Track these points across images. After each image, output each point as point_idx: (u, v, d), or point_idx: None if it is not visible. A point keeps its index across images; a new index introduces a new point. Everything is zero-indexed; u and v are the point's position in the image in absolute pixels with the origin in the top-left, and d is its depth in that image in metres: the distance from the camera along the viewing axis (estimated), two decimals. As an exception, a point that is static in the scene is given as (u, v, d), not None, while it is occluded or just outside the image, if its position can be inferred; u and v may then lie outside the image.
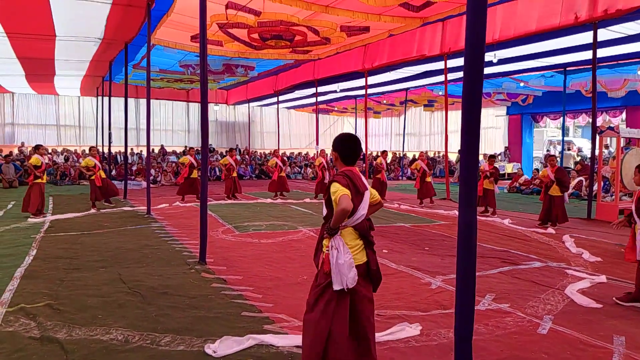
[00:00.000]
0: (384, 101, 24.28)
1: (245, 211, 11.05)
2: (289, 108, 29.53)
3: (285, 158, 17.16)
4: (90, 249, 6.85)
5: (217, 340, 3.60)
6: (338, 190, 2.77)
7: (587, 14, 9.42)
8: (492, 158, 11.31)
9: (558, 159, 17.51)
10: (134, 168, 20.14)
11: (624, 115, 17.97)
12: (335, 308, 2.85)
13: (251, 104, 27.73)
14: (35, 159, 9.78)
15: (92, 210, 10.81)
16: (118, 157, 22.40)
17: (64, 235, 7.88)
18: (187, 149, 14.27)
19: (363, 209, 2.91)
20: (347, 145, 2.96)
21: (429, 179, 12.68)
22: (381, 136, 31.50)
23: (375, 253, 3.00)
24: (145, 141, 10.94)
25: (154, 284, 5.13)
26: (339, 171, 2.96)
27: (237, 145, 27.76)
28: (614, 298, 4.82)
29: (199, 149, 11.53)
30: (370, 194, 3.03)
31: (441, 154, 24.79)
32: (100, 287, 5.03)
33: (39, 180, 9.78)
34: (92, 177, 11.11)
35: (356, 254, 2.89)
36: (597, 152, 10.62)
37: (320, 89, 19.42)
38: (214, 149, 26.12)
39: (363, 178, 2.99)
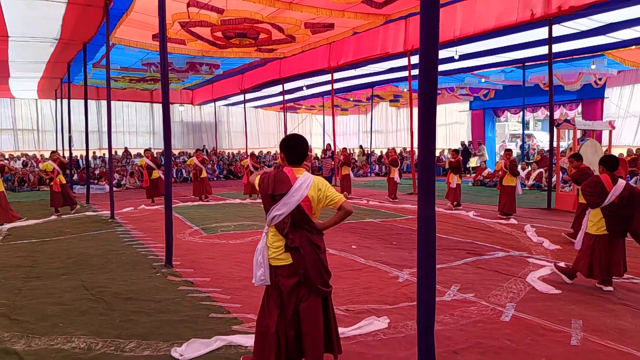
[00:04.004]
0: (351, 98, 24.43)
1: (214, 212, 10.92)
2: (256, 107, 29.30)
3: (256, 158, 16.98)
4: (51, 256, 6.62)
5: (184, 343, 3.55)
6: (255, 180, 3.11)
7: (542, 10, 9.75)
8: (454, 152, 11.58)
9: (518, 152, 18.15)
10: (97, 172, 19.58)
11: (579, 108, 18.70)
12: (267, 304, 3.01)
13: (217, 104, 27.36)
14: None
15: (53, 217, 10.45)
16: (80, 160, 21.70)
17: (23, 243, 7.59)
18: (144, 150, 13.94)
19: (279, 210, 2.90)
20: (287, 146, 3.03)
21: (392, 175, 12.70)
22: (349, 134, 31.67)
23: (303, 257, 2.90)
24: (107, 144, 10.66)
25: (118, 290, 5.00)
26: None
27: (204, 145, 27.35)
28: (553, 264, 5.45)
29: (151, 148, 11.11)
30: (328, 199, 2.96)
31: (407, 150, 25.15)
32: (62, 294, 4.86)
33: None
34: (51, 183, 10.74)
35: (279, 254, 2.96)
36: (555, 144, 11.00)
37: (287, 86, 19.37)
38: (207, 150, 25.68)
39: (300, 180, 2.92)
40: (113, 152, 14.62)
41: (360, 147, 27.26)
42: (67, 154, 17.60)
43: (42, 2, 9.16)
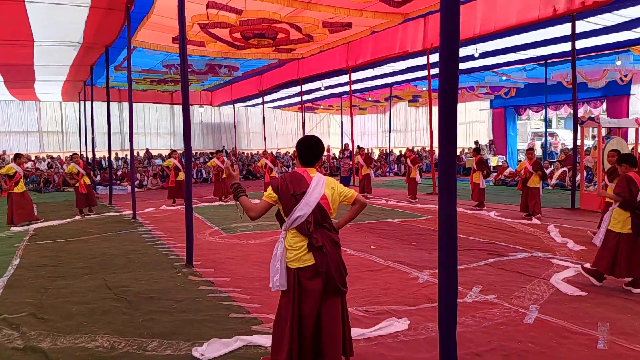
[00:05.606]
0: (369, 98, 24.35)
1: (233, 212, 10.99)
2: (274, 108, 29.44)
3: (274, 158, 17.07)
4: (75, 256, 6.76)
5: (204, 343, 3.57)
6: (264, 195, 3.03)
7: (565, 6, 9.54)
8: (475, 152, 11.42)
9: (539, 151, 17.83)
10: (119, 173, 19.94)
11: (604, 105, 18.23)
12: (285, 307, 2.97)
13: (236, 105, 27.58)
14: (6, 168, 9.62)
15: (77, 217, 10.67)
16: (102, 162, 22.15)
17: (48, 243, 7.77)
18: (171, 151, 14.15)
19: (301, 211, 2.91)
20: (302, 148, 3.07)
21: (412, 175, 12.57)
22: (368, 134, 31.54)
23: (326, 255, 2.91)
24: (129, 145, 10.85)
25: (140, 289, 5.07)
26: (287, 172, 3.12)
27: (223, 146, 27.61)
28: (580, 266, 5.31)
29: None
30: (342, 195, 3.05)
31: (427, 149, 24.94)
32: (86, 294, 4.96)
33: (15, 190, 9.57)
34: (76, 185, 10.93)
35: (303, 255, 2.94)
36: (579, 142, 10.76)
37: (305, 87, 19.38)
38: (226, 151, 25.73)
39: (316, 180, 2.97)
40: (135, 153, 14.89)
41: (358, 146, 27.08)
42: (90, 155, 17.98)
43: (65, 7, 9.36)
